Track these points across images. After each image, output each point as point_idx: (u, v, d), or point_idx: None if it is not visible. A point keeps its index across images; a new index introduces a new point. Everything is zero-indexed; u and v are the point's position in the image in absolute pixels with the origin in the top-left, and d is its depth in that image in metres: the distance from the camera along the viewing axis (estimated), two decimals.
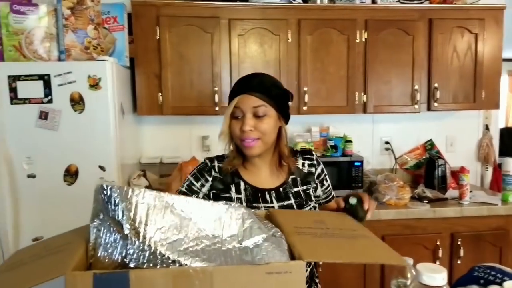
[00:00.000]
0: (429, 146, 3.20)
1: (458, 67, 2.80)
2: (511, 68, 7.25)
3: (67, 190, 2.09)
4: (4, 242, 2.06)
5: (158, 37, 2.56)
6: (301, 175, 1.41)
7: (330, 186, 1.49)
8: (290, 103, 1.37)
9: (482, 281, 1.13)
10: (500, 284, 1.08)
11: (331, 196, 1.50)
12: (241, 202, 1.32)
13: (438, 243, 2.55)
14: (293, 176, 1.40)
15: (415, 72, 2.76)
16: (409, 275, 1.11)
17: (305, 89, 2.68)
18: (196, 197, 1.31)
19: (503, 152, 3.65)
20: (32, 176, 2.08)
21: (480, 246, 2.57)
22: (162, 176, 2.82)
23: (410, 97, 2.79)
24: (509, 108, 7.71)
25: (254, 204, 1.32)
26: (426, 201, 2.64)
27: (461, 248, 2.54)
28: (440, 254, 2.53)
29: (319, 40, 2.68)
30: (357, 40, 2.70)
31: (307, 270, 1.41)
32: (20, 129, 2.06)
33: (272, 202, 1.34)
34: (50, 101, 2.05)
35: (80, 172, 2.10)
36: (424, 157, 3.16)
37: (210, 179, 1.36)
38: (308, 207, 1.39)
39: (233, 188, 1.34)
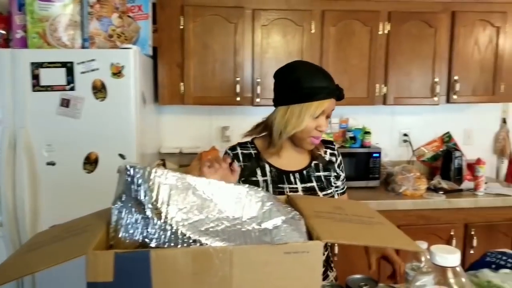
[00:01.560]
0: (447, 138, 3.18)
1: (479, 60, 2.79)
2: None
3: (86, 178, 2.09)
4: (22, 229, 2.06)
5: (182, 27, 2.59)
6: (323, 161, 1.47)
7: (345, 179, 1.56)
8: None
9: (493, 266, 1.15)
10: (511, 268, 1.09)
11: (345, 188, 1.56)
12: (266, 184, 1.37)
13: (452, 233, 2.57)
14: (315, 162, 1.46)
15: (436, 65, 2.75)
16: (423, 259, 1.13)
17: None
18: None
19: None
20: (51, 163, 2.08)
21: (493, 236, 2.59)
22: (181, 166, 2.85)
23: (430, 89, 2.77)
24: None
25: (279, 185, 1.38)
26: (442, 192, 2.65)
27: (474, 238, 2.57)
28: (453, 244, 2.53)
29: (342, 32, 2.68)
30: (380, 32, 2.70)
31: (324, 254, 1.45)
32: (41, 116, 2.05)
33: (296, 183, 1.40)
34: (72, 89, 2.05)
35: (100, 160, 2.10)
36: (441, 150, 3.15)
37: None
38: (330, 191, 1.44)
39: (259, 172, 1.39)
